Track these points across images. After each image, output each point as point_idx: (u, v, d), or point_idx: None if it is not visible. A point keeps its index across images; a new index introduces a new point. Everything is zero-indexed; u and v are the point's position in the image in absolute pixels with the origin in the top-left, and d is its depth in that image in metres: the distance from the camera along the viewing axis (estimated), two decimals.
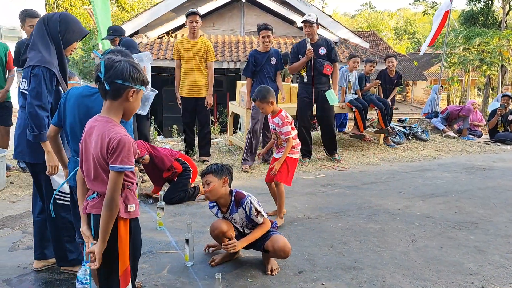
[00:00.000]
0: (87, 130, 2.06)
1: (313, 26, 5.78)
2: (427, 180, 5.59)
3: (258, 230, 3.09)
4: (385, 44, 32.53)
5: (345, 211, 4.38)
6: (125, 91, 1.99)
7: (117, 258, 2.08)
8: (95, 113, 2.15)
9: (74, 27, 2.80)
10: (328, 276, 3.05)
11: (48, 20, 2.76)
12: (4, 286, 2.85)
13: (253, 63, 5.75)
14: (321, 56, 5.86)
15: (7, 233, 3.71)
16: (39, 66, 2.66)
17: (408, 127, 8.61)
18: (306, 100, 6.01)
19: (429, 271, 3.16)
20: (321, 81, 5.93)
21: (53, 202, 2.76)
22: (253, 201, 3.06)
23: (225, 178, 3.04)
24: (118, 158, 1.92)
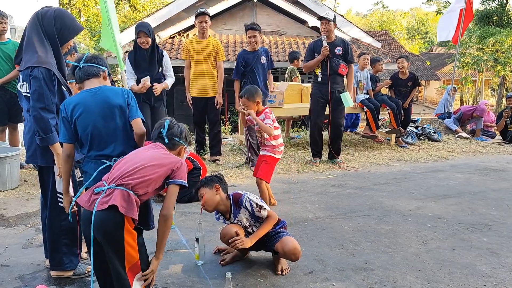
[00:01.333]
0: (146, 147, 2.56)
1: (330, 23, 5.70)
2: (439, 181, 5.53)
3: (266, 225, 3.06)
4: (398, 43, 32.30)
5: (356, 211, 4.36)
6: (178, 147, 2.61)
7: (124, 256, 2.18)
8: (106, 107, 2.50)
9: (69, 23, 2.74)
10: (338, 276, 3.04)
11: (43, 16, 2.67)
12: (17, 282, 2.89)
13: (242, 64, 5.65)
14: (337, 56, 5.79)
15: (20, 230, 3.76)
16: (37, 67, 2.59)
17: (420, 127, 8.54)
18: (321, 100, 5.94)
19: (441, 273, 3.13)
20: (336, 81, 5.85)
21: (56, 204, 2.79)
22: (251, 197, 3.06)
23: (216, 186, 3.04)
24: (181, 175, 2.41)
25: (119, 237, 2.15)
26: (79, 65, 2.58)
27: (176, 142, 2.57)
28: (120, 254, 2.18)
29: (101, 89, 2.55)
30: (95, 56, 2.65)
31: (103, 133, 2.53)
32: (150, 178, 2.30)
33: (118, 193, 2.18)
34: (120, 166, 2.35)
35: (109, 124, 2.53)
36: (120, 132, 2.56)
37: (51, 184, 2.81)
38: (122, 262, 2.19)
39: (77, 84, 2.62)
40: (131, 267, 2.22)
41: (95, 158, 2.55)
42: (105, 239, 2.18)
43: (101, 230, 2.16)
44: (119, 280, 2.21)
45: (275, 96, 6.62)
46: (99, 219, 2.14)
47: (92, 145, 2.55)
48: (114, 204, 2.14)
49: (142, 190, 2.27)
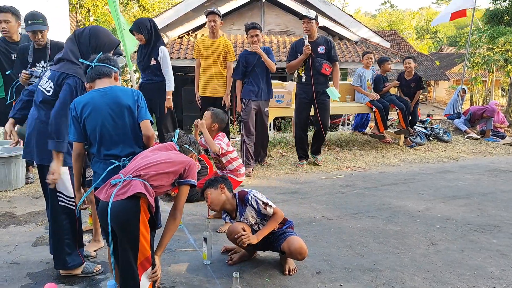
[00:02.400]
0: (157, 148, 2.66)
1: (311, 22, 5.55)
2: (448, 182, 5.50)
3: (272, 222, 3.06)
4: (407, 43, 32.13)
5: (364, 212, 4.35)
6: (188, 153, 2.74)
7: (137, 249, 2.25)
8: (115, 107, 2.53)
9: (104, 39, 2.82)
10: (346, 277, 3.03)
11: (79, 36, 2.80)
12: (27, 280, 2.92)
13: (243, 64, 5.56)
14: (320, 55, 5.62)
15: (30, 228, 3.79)
16: (74, 76, 2.71)
17: (430, 127, 8.49)
18: (304, 100, 5.80)
19: (450, 274, 3.11)
20: (319, 81, 5.67)
21: (56, 204, 2.82)
22: (256, 194, 3.07)
23: (221, 185, 3.08)
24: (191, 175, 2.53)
25: (134, 227, 2.23)
26: (91, 64, 2.61)
27: (186, 149, 2.73)
28: (135, 245, 2.24)
29: (112, 89, 2.57)
30: (108, 56, 2.68)
31: (112, 133, 2.55)
32: (164, 172, 2.39)
33: (136, 183, 2.27)
34: (135, 162, 2.44)
35: (118, 124, 2.54)
36: (129, 133, 2.57)
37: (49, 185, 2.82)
38: (135, 254, 2.25)
39: (88, 83, 2.64)
40: (143, 261, 2.27)
41: (104, 158, 2.57)
42: (121, 229, 2.24)
43: (118, 220, 2.23)
44: (129, 273, 2.25)
45: (283, 96, 6.62)
46: (116, 209, 2.22)
47: (101, 145, 2.57)
48: (134, 193, 2.22)
49: (156, 182, 2.36)
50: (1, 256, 3.26)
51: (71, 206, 2.86)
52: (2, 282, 2.88)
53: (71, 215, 2.87)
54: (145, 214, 2.27)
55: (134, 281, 2.25)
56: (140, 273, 2.26)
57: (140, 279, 2.26)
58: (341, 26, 13.40)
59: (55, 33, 11.41)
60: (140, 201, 2.26)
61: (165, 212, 4.04)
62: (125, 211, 2.22)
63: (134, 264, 2.25)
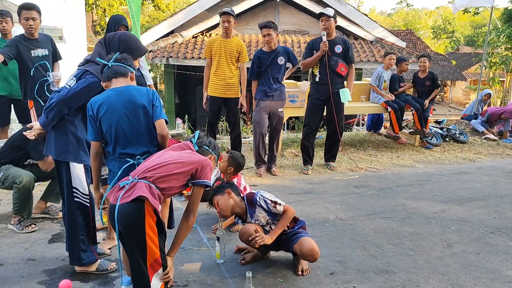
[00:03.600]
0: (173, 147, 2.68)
1: (330, 20, 5.43)
2: (464, 184, 5.42)
3: (283, 220, 3.04)
4: (423, 43, 31.79)
5: (378, 213, 4.31)
6: (207, 155, 2.72)
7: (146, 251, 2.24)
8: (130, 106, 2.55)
9: (133, 46, 2.86)
10: (359, 278, 3.01)
11: (109, 41, 2.83)
12: (43, 276, 2.96)
13: (257, 64, 5.44)
14: (337, 54, 5.51)
15: (46, 225, 3.85)
16: (93, 75, 2.75)
17: (446, 128, 8.38)
18: (317, 101, 5.66)
19: (466, 277, 3.06)
20: (334, 81, 5.52)
21: (71, 200, 2.86)
22: (264, 194, 3.07)
23: (227, 191, 3.10)
24: (205, 175, 2.48)
25: (141, 230, 2.21)
26: (108, 63, 2.63)
27: (205, 149, 2.72)
28: (142, 248, 2.23)
29: (127, 89, 2.59)
30: (125, 56, 2.70)
31: (127, 132, 2.57)
32: (172, 173, 2.35)
33: (141, 185, 2.25)
34: (145, 163, 2.44)
35: (133, 123, 2.57)
36: (143, 132, 2.59)
37: (65, 180, 2.87)
38: (143, 256, 2.24)
39: (104, 82, 2.67)
40: (152, 263, 2.26)
41: (119, 156, 2.60)
42: (128, 232, 2.25)
43: (124, 222, 2.23)
44: (139, 274, 2.25)
45: (297, 95, 6.60)
46: (122, 212, 2.21)
47: (116, 144, 2.60)
48: (137, 196, 2.20)
49: (163, 184, 2.33)
50: (18, 252, 3.31)
51: (86, 202, 2.90)
52: (19, 278, 2.93)
53: (85, 212, 2.91)
54: (150, 217, 2.24)
55: (144, 282, 2.24)
56: (150, 274, 2.25)
57: (151, 280, 2.25)
58: (356, 26, 13.30)
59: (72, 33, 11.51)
60: (145, 204, 2.23)
61: (178, 211, 4.07)
62: (130, 214, 2.21)
63: (143, 265, 2.24)
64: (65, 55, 5.41)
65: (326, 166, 6.01)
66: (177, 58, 11.68)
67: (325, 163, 6.06)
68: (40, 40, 4.76)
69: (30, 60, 4.65)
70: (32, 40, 4.68)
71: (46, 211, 4.01)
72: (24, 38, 4.66)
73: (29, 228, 3.68)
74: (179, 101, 14.07)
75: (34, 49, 4.68)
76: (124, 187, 2.27)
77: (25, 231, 3.65)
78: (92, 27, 30.66)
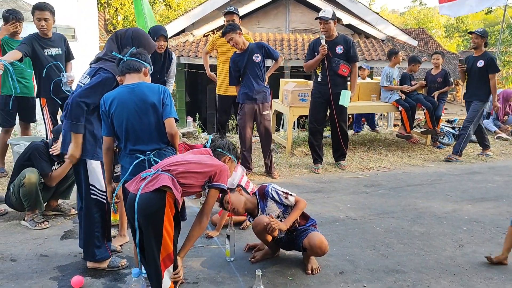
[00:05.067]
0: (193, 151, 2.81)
1: (328, 22, 5.30)
2: (476, 184, 5.37)
3: (296, 210, 3.06)
4: (435, 41, 31.49)
5: (389, 212, 4.29)
6: (222, 158, 2.78)
7: (160, 243, 2.28)
8: (141, 104, 2.57)
9: (145, 42, 2.88)
10: (369, 278, 3.00)
11: (121, 37, 2.86)
12: (55, 272, 3.00)
13: (234, 68, 5.16)
14: (338, 55, 5.40)
15: (59, 222, 3.89)
16: (108, 71, 2.77)
17: (458, 128, 8.30)
18: (319, 100, 5.60)
19: (477, 278, 3.04)
20: (336, 82, 5.41)
21: (88, 196, 2.89)
22: (276, 186, 3.10)
23: (238, 188, 3.15)
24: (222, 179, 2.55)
25: (159, 220, 2.26)
26: (123, 58, 2.66)
27: (219, 152, 2.78)
28: (158, 239, 2.27)
29: (139, 86, 2.61)
30: (140, 51, 2.72)
31: (137, 129, 2.61)
32: (193, 171, 2.43)
33: (164, 177, 2.31)
34: (167, 159, 2.50)
35: (143, 120, 2.60)
36: (153, 129, 2.62)
37: (83, 177, 2.90)
38: (158, 249, 2.28)
39: (118, 77, 2.70)
40: (165, 258, 2.29)
41: (130, 152, 2.64)
42: (146, 221, 2.29)
43: (144, 211, 2.27)
44: (153, 267, 2.29)
45: (307, 94, 6.57)
46: (143, 201, 2.26)
47: (127, 140, 2.64)
48: (161, 186, 2.26)
49: (185, 180, 2.39)
50: (31, 248, 3.36)
51: (103, 199, 2.94)
52: (32, 274, 2.97)
53: (102, 208, 2.95)
54: (170, 209, 2.29)
55: (158, 275, 2.28)
56: (162, 269, 2.28)
57: (163, 276, 2.28)
58: (367, 24, 13.24)
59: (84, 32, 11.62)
60: (167, 195, 2.29)
61: (188, 208, 4.09)
62: (152, 203, 2.26)
63: (157, 258, 2.28)
64: (78, 54, 5.46)
65: (337, 165, 5.99)
66: (188, 56, 11.72)
67: (335, 162, 6.04)
68: (54, 39, 4.82)
69: (44, 59, 4.71)
70: (46, 39, 4.74)
71: (58, 208, 4.06)
72: (38, 37, 4.71)
73: (42, 224, 3.73)
74: (189, 99, 14.13)
75: (47, 48, 4.74)
76: (146, 178, 2.32)
77: (38, 228, 3.70)
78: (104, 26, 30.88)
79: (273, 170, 5.49)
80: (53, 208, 4.04)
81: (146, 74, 2.71)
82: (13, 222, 3.86)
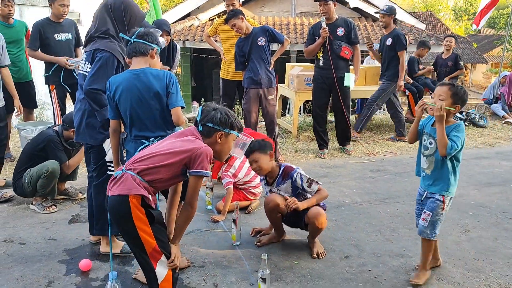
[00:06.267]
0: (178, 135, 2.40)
1: (328, 4, 5.21)
2: (483, 169, 5.34)
3: (317, 195, 3.08)
4: (443, 25, 31.05)
5: (394, 197, 4.29)
6: (214, 133, 2.32)
7: (141, 241, 2.16)
8: (144, 91, 2.53)
9: (136, 12, 2.86)
10: (374, 262, 3.02)
11: (112, 6, 2.80)
12: (64, 255, 3.05)
13: (239, 53, 5.10)
14: (339, 38, 5.30)
15: (66, 207, 3.93)
16: (102, 50, 2.73)
17: (465, 112, 8.23)
18: (322, 86, 5.53)
19: (482, 262, 3.04)
20: (338, 66, 5.33)
21: (104, 174, 2.91)
22: (302, 172, 3.11)
23: (271, 153, 3.11)
24: (199, 165, 2.21)
25: (129, 222, 2.13)
26: (130, 39, 2.63)
27: (210, 128, 2.32)
28: (136, 239, 2.16)
29: (144, 72, 2.58)
30: (147, 32, 2.65)
31: (141, 116, 2.61)
32: (159, 165, 2.20)
33: (127, 177, 2.17)
34: (136, 154, 2.34)
35: (145, 107, 2.59)
36: (158, 117, 2.62)
37: (98, 158, 2.92)
38: (141, 247, 2.18)
39: (127, 59, 2.68)
40: (151, 252, 2.19)
41: (135, 138, 2.65)
42: (117, 223, 2.21)
43: (112, 214, 2.20)
44: (143, 263, 2.22)
45: None
46: (111, 204, 2.17)
47: (132, 126, 2.65)
48: (116, 194, 2.15)
49: (150, 176, 2.20)
50: (40, 232, 3.40)
51: None
52: (40, 257, 3.01)
53: None
54: (137, 209, 2.13)
55: (151, 271, 2.20)
56: (153, 263, 2.19)
57: (155, 268, 2.19)
58: (374, 7, 13.05)
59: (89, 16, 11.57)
60: (129, 198, 2.12)
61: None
62: (117, 207, 2.15)
63: (144, 255, 2.19)
64: (82, 38, 5.45)
65: (342, 150, 5.98)
66: (194, 41, 11.65)
67: (341, 147, 6.03)
68: (64, 24, 4.83)
69: (53, 44, 4.72)
70: (57, 23, 4.74)
71: (66, 192, 4.10)
72: (50, 22, 4.72)
73: (50, 209, 3.77)
74: (195, 84, 14.09)
75: (58, 33, 4.75)
76: (116, 178, 2.22)
77: (46, 212, 3.74)
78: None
79: (278, 155, 5.47)
80: (61, 192, 4.08)
81: (153, 56, 2.67)
82: (22, 206, 3.91)
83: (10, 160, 5.07)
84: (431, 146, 2.64)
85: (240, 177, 3.86)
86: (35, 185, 3.68)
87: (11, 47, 4.97)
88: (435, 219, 2.67)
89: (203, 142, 2.29)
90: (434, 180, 2.68)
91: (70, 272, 2.84)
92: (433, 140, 2.62)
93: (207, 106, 2.39)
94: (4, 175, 4.63)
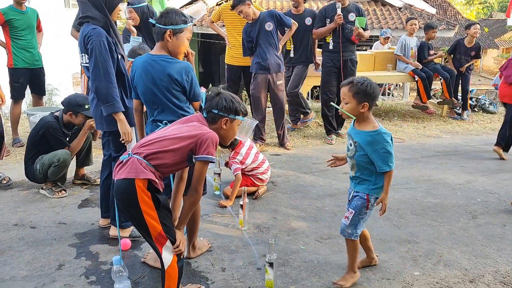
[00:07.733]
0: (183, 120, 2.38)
1: None
2: (492, 155, 5.30)
3: None
4: (454, 9, 30.53)
5: (403, 183, 4.28)
6: (219, 119, 2.30)
7: (146, 225, 2.16)
8: (157, 78, 2.59)
9: None
10: (382, 248, 3.03)
11: None
12: (74, 239, 3.09)
13: (246, 38, 5.09)
14: (351, 22, 5.39)
15: (76, 191, 3.98)
16: (90, 37, 2.72)
17: (475, 98, 8.14)
18: (332, 69, 5.59)
19: (490, 249, 3.04)
20: (348, 49, 5.49)
21: None
22: None
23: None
24: (205, 150, 2.20)
25: (136, 207, 2.13)
26: (155, 24, 2.60)
27: (215, 114, 2.29)
28: (142, 223, 2.16)
29: (160, 58, 2.61)
30: (163, 13, 2.60)
31: (154, 100, 2.67)
32: (165, 150, 2.19)
33: (133, 161, 2.17)
34: (144, 138, 2.34)
35: (157, 93, 2.63)
36: (168, 103, 2.65)
37: (116, 144, 2.96)
38: (146, 231, 2.19)
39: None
40: (157, 237, 2.19)
41: (152, 121, 2.73)
42: (123, 207, 2.21)
43: (118, 198, 2.20)
44: (152, 246, 2.23)
45: None
46: (117, 188, 2.17)
47: (150, 109, 2.74)
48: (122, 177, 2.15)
49: (155, 161, 2.19)
50: (50, 216, 3.44)
51: None
52: (51, 241, 3.06)
53: None
54: (144, 193, 2.13)
55: (159, 255, 2.21)
56: (159, 247, 2.20)
57: (161, 253, 2.20)
58: None
59: None
60: (135, 182, 2.12)
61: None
62: (123, 191, 2.15)
63: (150, 239, 2.20)
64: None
65: (335, 133, 5.98)
66: (201, 26, 11.58)
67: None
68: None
69: None
70: None
71: (85, 177, 4.15)
72: None
73: (60, 193, 3.82)
74: (203, 69, 14.06)
75: None
76: (122, 162, 2.21)
77: (56, 196, 3.79)
78: None
79: (286, 141, 5.47)
80: (80, 177, 4.14)
81: (169, 38, 2.59)
82: (32, 190, 3.95)
83: (20, 145, 5.13)
84: (351, 147, 2.51)
85: (248, 163, 3.86)
86: (46, 173, 3.73)
87: (25, 34, 5.01)
88: (358, 218, 2.54)
89: (208, 128, 2.28)
90: (360, 180, 2.56)
91: (80, 255, 2.89)
92: (353, 142, 2.47)
93: (211, 91, 2.37)
94: (15, 160, 4.70)
